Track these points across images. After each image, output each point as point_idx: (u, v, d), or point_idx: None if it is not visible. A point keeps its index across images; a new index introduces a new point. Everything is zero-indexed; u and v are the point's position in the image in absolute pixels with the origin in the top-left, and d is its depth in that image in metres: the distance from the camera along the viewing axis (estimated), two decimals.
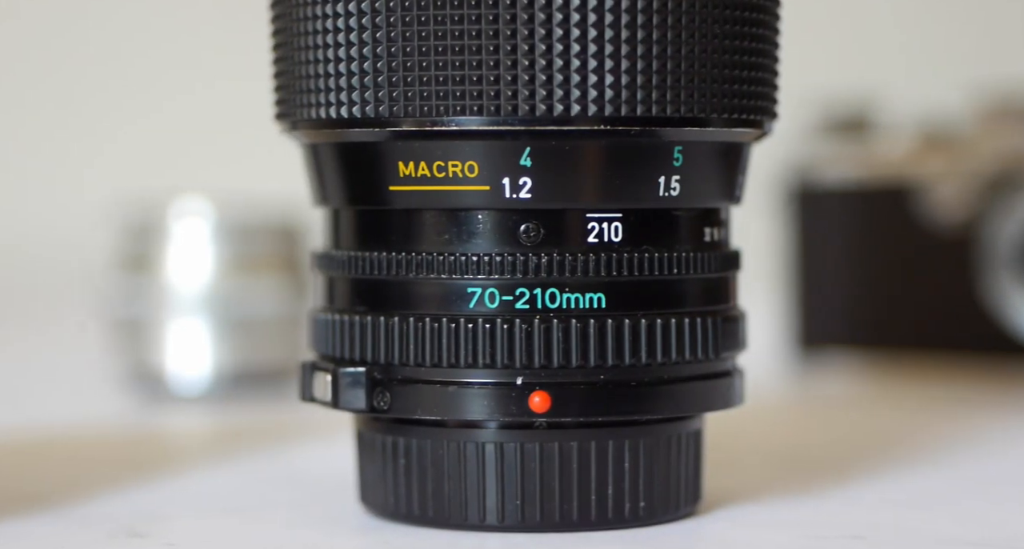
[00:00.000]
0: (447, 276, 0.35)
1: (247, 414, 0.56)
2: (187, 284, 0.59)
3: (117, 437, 0.51)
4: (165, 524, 0.36)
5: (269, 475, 0.43)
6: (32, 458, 0.46)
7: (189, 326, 0.59)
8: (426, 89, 0.34)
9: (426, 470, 0.35)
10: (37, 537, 0.35)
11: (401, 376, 0.35)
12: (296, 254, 0.62)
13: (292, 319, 0.61)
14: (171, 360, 0.59)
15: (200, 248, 0.60)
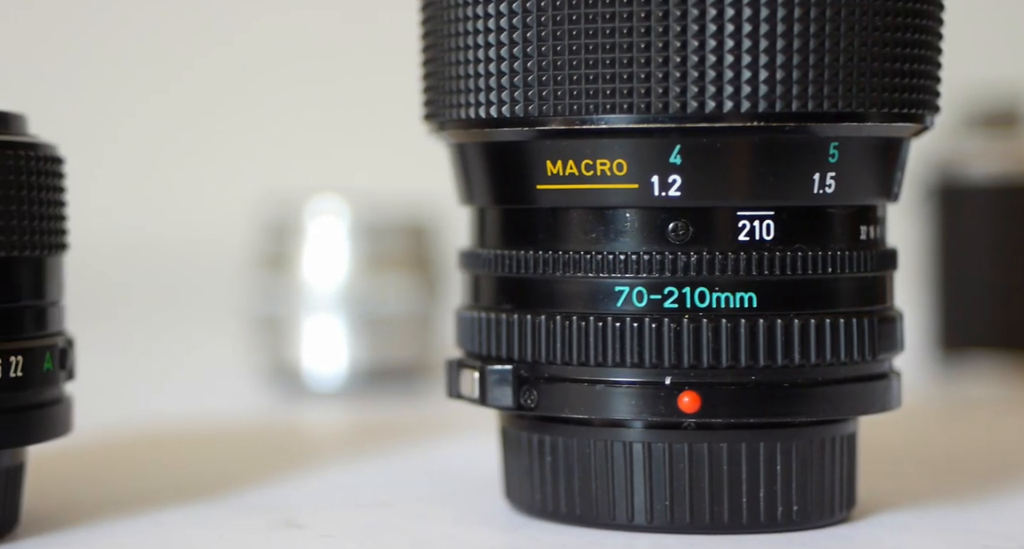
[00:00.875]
0: (594, 275, 0.35)
1: (381, 410, 0.57)
2: (323, 282, 0.60)
3: (260, 430, 0.53)
4: (320, 515, 0.37)
5: (412, 470, 0.44)
6: (185, 449, 0.48)
7: (325, 323, 0.60)
8: (575, 88, 0.34)
9: (572, 468, 0.35)
10: (201, 524, 0.36)
11: (547, 374, 0.35)
12: (427, 253, 0.63)
13: (423, 317, 0.62)
14: (307, 356, 0.60)
15: (335, 246, 0.61)
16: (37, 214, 0.34)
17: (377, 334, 0.61)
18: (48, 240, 0.35)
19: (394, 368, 0.61)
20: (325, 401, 0.60)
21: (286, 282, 0.61)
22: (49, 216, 0.35)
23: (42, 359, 0.34)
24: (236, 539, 0.35)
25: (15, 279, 0.34)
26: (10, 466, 0.34)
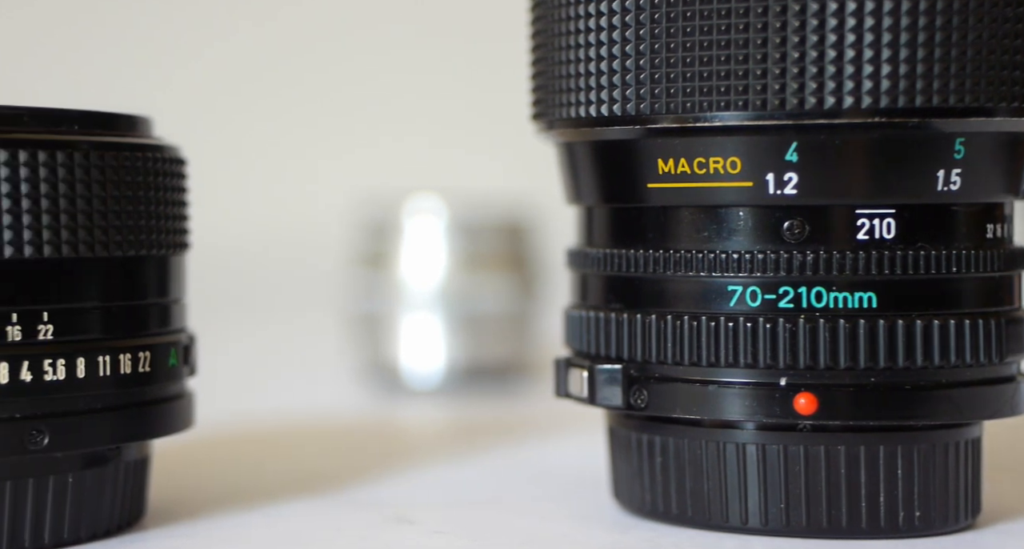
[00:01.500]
0: (706, 274, 0.34)
1: (478, 408, 0.57)
2: (420, 280, 0.61)
3: (362, 427, 0.53)
4: (431, 512, 0.37)
5: (516, 468, 0.44)
6: (292, 445, 0.49)
7: (422, 322, 0.60)
8: (688, 85, 0.33)
9: (684, 469, 0.35)
10: (318, 518, 0.37)
11: (658, 374, 0.35)
12: (524, 252, 0.63)
13: (520, 316, 0.62)
14: (405, 354, 0.61)
15: (433, 245, 0.61)
16: (162, 214, 0.35)
17: (473, 333, 0.61)
18: (172, 239, 0.36)
19: (490, 367, 0.61)
20: (422, 399, 0.60)
21: (384, 280, 0.61)
22: (173, 216, 0.36)
23: (167, 355, 0.35)
24: (353, 533, 0.35)
25: (142, 277, 0.35)
26: (137, 459, 0.35)
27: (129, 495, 0.35)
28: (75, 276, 0.33)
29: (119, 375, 0.34)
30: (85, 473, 0.34)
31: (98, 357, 0.33)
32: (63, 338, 0.33)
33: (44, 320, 0.33)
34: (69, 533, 0.33)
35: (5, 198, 0.32)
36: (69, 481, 0.33)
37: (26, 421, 0.32)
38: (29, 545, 0.33)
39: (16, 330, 0.32)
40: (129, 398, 0.34)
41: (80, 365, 0.33)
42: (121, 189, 0.34)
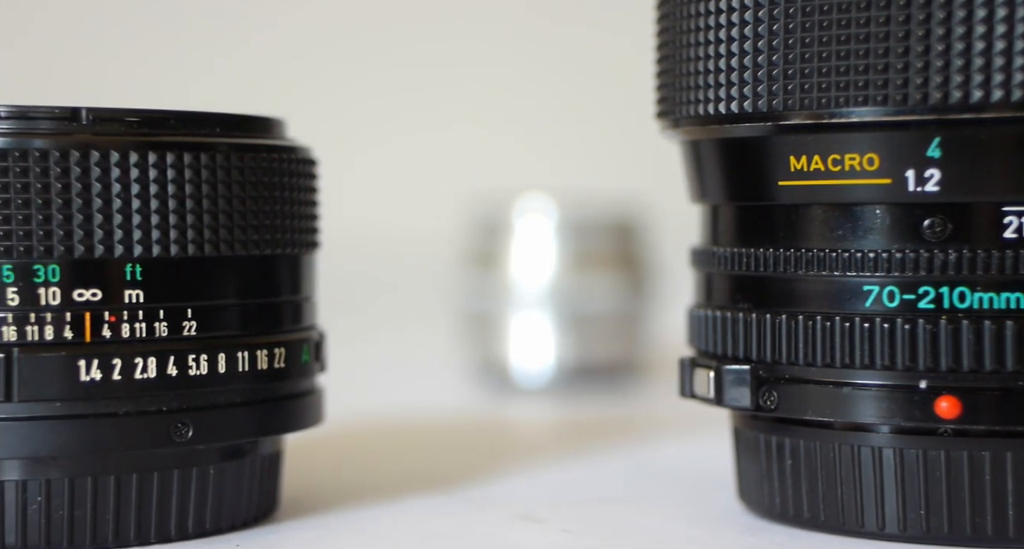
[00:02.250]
0: (840, 273, 0.33)
1: (589, 407, 0.57)
2: (530, 279, 0.60)
3: (476, 425, 0.54)
4: (556, 510, 0.37)
5: (635, 468, 0.44)
6: (410, 442, 0.49)
7: (532, 320, 0.60)
8: (824, 80, 0.32)
9: (815, 473, 0.34)
10: (445, 515, 0.37)
11: (789, 375, 0.34)
12: (635, 251, 0.62)
13: (630, 315, 0.61)
14: (515, 353, 0.60)
15: (543, 244, 0.60)
16: (295, 214, 0.36)
17: (583, 332, 0.60)
18: (304, 238, 0.37)
19: (600, 366, 0.61)
20: (532, 398, 0.60)
21: (494, 279, 0.61)
22: (305, 215, 0.37)
23: (300, 351, 0.36)
24: (481, 530, 0.35)
25: (276, 276, 0.35)
26: (271, 453, 0.36)
27: (263, 488, 0.36)
28: (215, 274, 0.34)
29: (256, 370, 0.34)
30: (224, 465, 0.34)
31: (237, 353, 0.34)
32: (205, 334, 0.34)
33: (188, 316, 0.33)
34: (211, 523, 0.34)
35: (154, 199, 0.33)
36: (210, 473, 0.34)
37: (172, 414, 0.33)
38: (174, 534, 0.34)
39: (163, 326, 0.33)
40: (266, 393, 0.35)
41: (221, 360, 0.34)
42: (258, 189, 0.35)
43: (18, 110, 0.32)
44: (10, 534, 0.32)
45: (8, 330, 0.32)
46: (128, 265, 0.33)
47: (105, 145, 0.32)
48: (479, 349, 0.62)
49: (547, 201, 0.62)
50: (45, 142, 0.32)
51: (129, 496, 0.33)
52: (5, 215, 0.32)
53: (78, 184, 0.32)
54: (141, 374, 0.33)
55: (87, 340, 0.32)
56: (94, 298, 0.33)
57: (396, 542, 0.34)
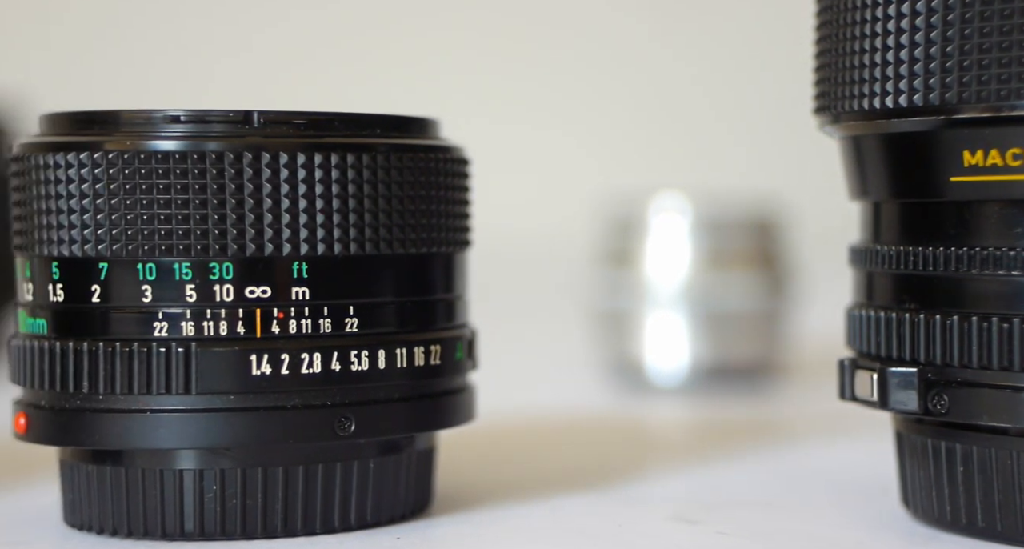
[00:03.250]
0: (1019, 273, 0.32)
1: (727, 408, 0.56)
2: (665, 278, 0.60)
3: (614, 424, 0.54)
4: (710, 513, 0.37)
5: (787, 471, 0.43)
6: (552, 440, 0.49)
7: (667, 319, 0.60)
8: (1004, 72, 0.31)
9: (991, 481, 0.33)
10: (596, 514, 0.37)
11: (960, 378, 0.33)
12: (774, 249, 0.62)
13: (769, 315, 0.61)
14: (650, 352, 0.60)
15: (678, 243, 0.60)
16: (449, 213, 0.36)
17: (719, 331, 0.60)
18: (457, 237, 0.37)
19: (737, 366, 0.60)
20: (667, 397, 0.60)
21: (629, 278, 0.61)
22: (458, 214, 0.37)
23: (455, 348, 0.36)
24: (635, 530, 0.35)
25: (430, 274, 0.36)
26: (425, 448, 0.37)
27: (419, 483, 0.36)
28: (375, 272, 0.35)
29: (413, 367, 0.35)
30: (382, 460, 0.35)
31: (395, 349, 0.35)
32: (366, 330, 0.34)
33: (350, 313, 0.34)
34: (371, 515, 0.35)
35: (319, 199, 0.34)
36: (370, 467, 0.35)
37: (335, 408, 0.34)
38: (338, 525, 0.35)
39: (327, 323, 0.34)
40: (422, 389, 0.36)
41: (380, 357, 0.34)
42: (415, 189, 0.35)
43: (196, 114, 0.34)
44: (188, 521, 0.34)
45: (187, 325, 0.33)
46: (295, 263, 0.34)
47: (275, 147, 0.34)
48: (613, 348, 0.62)
49: (682, 199, 0.61)
50: (220, 145, 0.33)
51: (296, 487, 0.34)
52: (184, 215, 0.33)
53: (250, 185, 0.33)
54: (307, 369, 0.34)
55: (258, 335, 0.34)
56: (264, 295, 0.34)
57: (553, 540, 0.34)
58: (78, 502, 0.35)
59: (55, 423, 0.34)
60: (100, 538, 0.34)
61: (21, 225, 0.35)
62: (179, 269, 0.33)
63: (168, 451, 0.33)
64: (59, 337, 0.34)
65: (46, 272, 0.34)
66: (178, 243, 0.33)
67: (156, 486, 0.34)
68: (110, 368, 0.33)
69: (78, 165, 0.33)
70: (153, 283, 0.33)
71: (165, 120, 0.34)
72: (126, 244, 0.33)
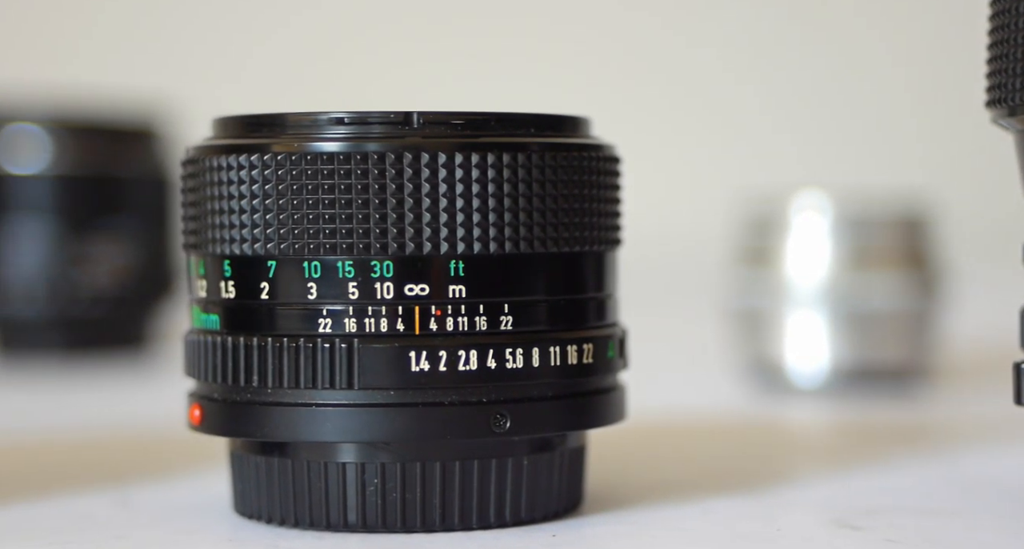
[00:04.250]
0: None
1: (875, 411, 0.55)
2: (805, 278, 0.60)
3: (755, 425, 0.53)
4: (875, 519, 0.36)
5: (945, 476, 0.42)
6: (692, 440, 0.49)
7: (807, 320, 0.60)
8: None
9: None
10: (753, 517, 0.37)
11: None
12: (923, 248, 0.61)
13: (918, 316, 0.60)
14: (789, 353, 0.60)
15: (818, 242, 0.60)
16: (600, 211, 0.37)
17: (862, 332, 0.59)
18: (608, 236, 0.37)
19: (882, 368, 0.59)
20: (807, 399, 0.59)
21: (767, 277, 0.61)
22: (609, 213, 0.37)
23: (606, 347, 0.36)
24: (797, 534, 0.35)
25: (582, 272, 0.36)
26: (576, 447, 0.37)
27: (571, 482, 0.37)
28: (528, 270, 0.35)
29: (567, 365, 0.35)
30: (535, 457, 0.36)
31: (549, 347, 0.35)
32: (520, 328, 0.35)
33: (505, 311, 0.35)
34: (525, 512, 0.35)
35: (475, 198, 0.34)
36: (524, 464, 0.35)
37: (491, 405, 0.34)
38: (493, 521, 0.35)
39: (482, 320, 0.34)
40: (575, 388, 0.36)
41: (534, 354, 0.35)
42: (569, 187, 0.36)
43: (358, 116, 0.35)
44: (351, 512, 0.35)
45: (349, 322, 0.34)
46: (452, 261, 0.35)
47: (434, 147, 0.34)
48: (751, 348, 0.62)
49: (823, 197, 0.61)
50: (381, 145, 0.34)
51: (452, 483, 0.35)
52: (347, 214, 0.34)
53: (410, 184, 0.34)
54: (464, 366, 0.34)
55: (416, 332, 0.34)
56: (422, 293, 0.35)
57: (713, 543, 0.34)
58: (248, 492, 0.36)
59: (227, 415, 0.35)
60: (269, 527, 0.35)
61: (194, 225, 0.36)
62: (342, 267, 0.34)
63: (331, 444, 0.34)
64: (230, 332, 0.35)
65: (218, 270, 0.36)
66: (341, 242, 0.34)
67: (320, 478, 0.35)
68: (277, 363, 0.34)
69: (249, 167, 0.35)
70: (318, 281, 0.34)
71: (329, 122, 0.35)
72: (293, 243, 0.34)
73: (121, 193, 0.74)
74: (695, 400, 0.59)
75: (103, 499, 0.39)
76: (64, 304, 0.72)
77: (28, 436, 0.50)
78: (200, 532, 0.35)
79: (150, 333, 0.75)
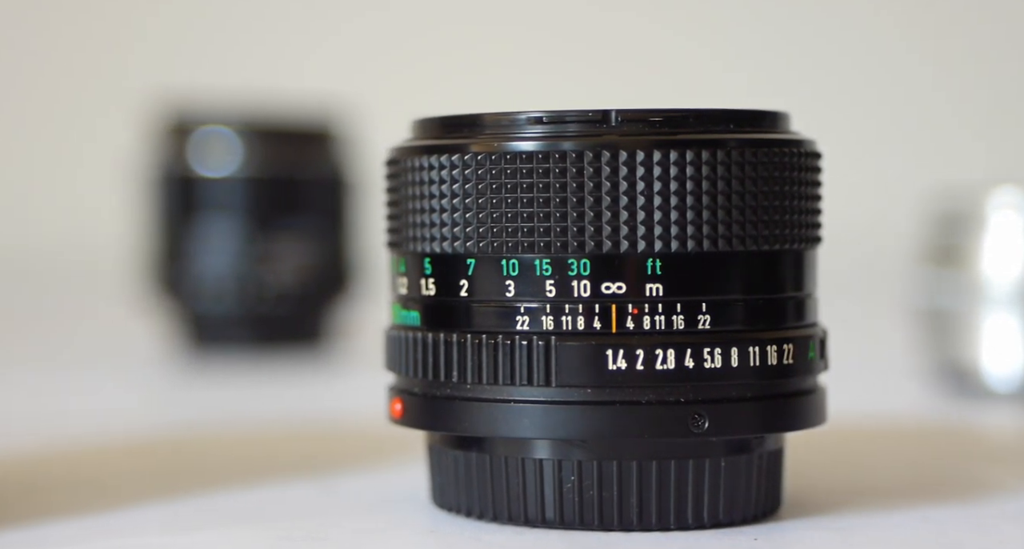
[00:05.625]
0: None
1: None
2: (1002, 278, 0.58)
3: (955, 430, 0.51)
4: None
5: None
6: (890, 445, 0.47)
7: (1003, 321, 0.57)
8: None
9: None
10: (971, 530, 0.35)
11: None
12: None
13: None
14: (983, 355, 0.58)
15: (1016, 241, 0.58)
16: (800, 209, 0.36)
17: None
18: (807, 233, 0.36)
19: None
20: (1003, 403, 0.56)
21: (960, 277, 0.59)
22: (809, 210, 0.36)
23: (807, 348, 0.36)
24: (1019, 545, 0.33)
25: (780, 271, 0.36)
26: (774, 450, 0.36)
27: (769, 485, 0.36)
28: (726, 269, 0.35)
29: (766, 366, 0.35)
30: (733, 459, 0.35)
31: (748, 347, 0.35)
32: (718, 328, 0.34)
33: (703, 310, 0.34)
34: (723, 514, 0.35)
35: (673, 195, 0.34)
36: (721, 465, 0.35)
37: (689, 405, 0.34)
38: (691, 522, 0.35)
39: (680, 319, 0.34)
40: (774, 389, 0.35)
41: (733, 354, 0.34)
42: (768, 184, 0.35)
43: (556, 115, 0.35)
44: (549, 509, 0.35)
45: (547, 319, 0.34)
46: (649, 260, 0.34)
47: (632, 145, 0.34)
48: (942, 350, 0.59)
49: (1020, 195, 0.59)
50: (579, 144, 0.34)
51: (649, 482, 0.34)
52: (544, 213, 0.34)
53: (607, 183, 0.34)
54: (661, 365, 0.34)
55: (613, 331, 0.34)
56: (619, 291, 0.34)
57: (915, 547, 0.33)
58: (447, 485, 0.37)
59: (427, 410, 0.36)
60: (468, 521, 0.36)
61: (395, 224, 0.37)
62: (539, 265, 0.35)
63: (528, 440, 0.35)
64: (430, 329, 0.36)
65: (418, 267, 0.36)
66: (539, 240, 0.35)
67: (518, 474, 0.35)
68: (476, 359, 0.35)
69: (449, 167, 0.35)
70: (515, 279, 0.35)
71: (527, 121, 0.35)
72: (491, 241, 0.35)
73: (302, 194, 0.76)
74: (885, 403, 0.57)
75: (310, 489, 0.40)
76: (252, 301, 0.74)
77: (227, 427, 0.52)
78: (403, 523, 0.36)
79: (328, 329, 0.77)
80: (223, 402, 0.61)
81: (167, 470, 0.44)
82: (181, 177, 0.75)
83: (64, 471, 0.43)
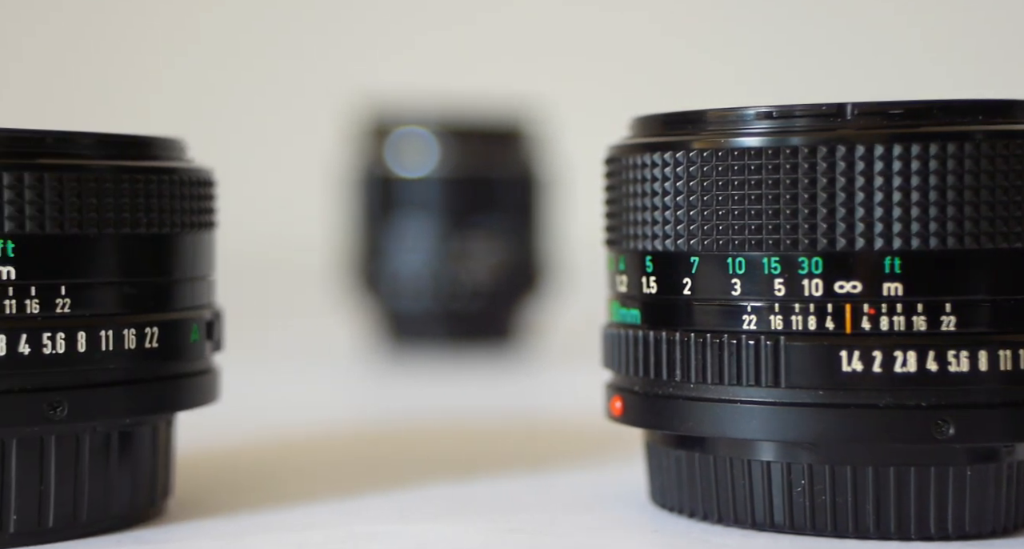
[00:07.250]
0: None
1: None
2: None
3: None
4: None
5: None
6: None
7: None
8: None
9: None
10: None
11: None
12: None
13: None
14: None
15: None
16: None
17: None
18: None
19: None
20: None
21: None
22: None
23: None
24: None
25: None
26: None
27: (1018, 497, 0.34)
28: (972, 267, 0.33)
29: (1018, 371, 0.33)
30: (979, 468, 0.33)
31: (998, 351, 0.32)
32: (964, 330, 0.33)
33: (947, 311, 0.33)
34: (969, 525, 0.33)
35: (915, 191, 0.33)
36: (967, 474, 0.33)
37: (931, 410, 0.33)
38: (934, 533, 0.33)
39: (922, 320, 0.33)
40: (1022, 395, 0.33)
41: (981, 358, 0.33)
42: (1019, 178, 0.33)
43: (785, 109, 0.34)
44: (777, 512, 0.34)
45: (775, 319, 0.33)
46: (887, 258, 0.33)
47: (869, 139, 0.33)
48: None
49: None
50: (811, 138, 0.33)
51: (887, 489, 0.33)
52: (773, 210, 0.33)
53: (842, 178, 0.33)
54: (901, 368, 0.33)
55: (847, 331, 0.33)
56: (854, 290, 0.33)
57: None
58: (667, 485, 0.36)
59: (648, 408, 0.35)
60: (691, 521, 0.35)
61: (613, 222, 0.37)
62: (767, 263, 0.34)
63: (753, 442, 0.34)
64: (651, 327, 0.35)
65: (639, 266, 0.36)
66: (767, 238, 0.34)
67: (744, 476, 0.34)
68: (700, 358, 0.34)
69: (673, 164, 0.35)
70: (742, 277, 0.34)
71: (755, 117, 0.34)
72: (716, 239, 0.34)
73: (495, 192, 0.77)
74: None
75: (525, 484, 0.40)
76: (446, 298, 0.75)
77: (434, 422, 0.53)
78: (623, 522, 0.36)
79: (518, 326, 0.77)
80: (422, 397, 0.62)
81: (387, 461, 0.45)
82: (380, 178, 0.77)
83: (291, 460, 0.44)
